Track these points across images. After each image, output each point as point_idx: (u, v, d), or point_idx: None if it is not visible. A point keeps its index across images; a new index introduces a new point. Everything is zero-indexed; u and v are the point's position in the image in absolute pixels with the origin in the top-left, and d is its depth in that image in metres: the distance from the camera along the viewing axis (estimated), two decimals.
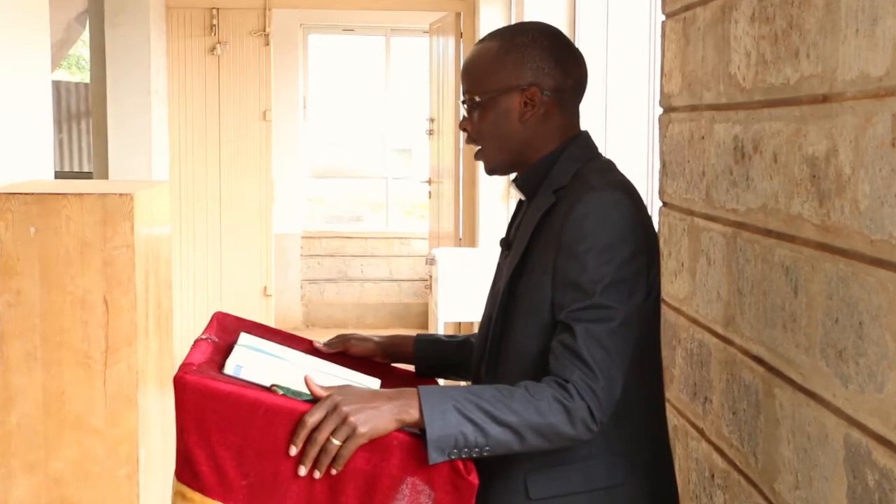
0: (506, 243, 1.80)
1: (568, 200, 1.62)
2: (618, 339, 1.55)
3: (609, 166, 1.72)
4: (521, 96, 1.69)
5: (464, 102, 1.76)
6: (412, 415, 1.50)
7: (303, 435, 1.49)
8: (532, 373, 1.58)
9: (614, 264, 1.55)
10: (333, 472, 1.51)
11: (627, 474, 1.63)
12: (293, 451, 1.50)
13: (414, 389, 1.53)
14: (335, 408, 1.50)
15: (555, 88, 1.70)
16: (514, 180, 1.79)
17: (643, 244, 1.60)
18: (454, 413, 1.49)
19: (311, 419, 1.49)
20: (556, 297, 1.59)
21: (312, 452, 1.49)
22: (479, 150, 1.76)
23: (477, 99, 1.72)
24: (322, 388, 1.54)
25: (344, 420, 1.48)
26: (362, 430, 1.48)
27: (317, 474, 1.51)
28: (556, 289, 1.59)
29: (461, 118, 1.78)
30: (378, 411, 1.50)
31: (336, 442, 1.49)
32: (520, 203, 1.82)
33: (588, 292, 1.55)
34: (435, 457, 1.49)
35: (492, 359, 1.72)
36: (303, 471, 1.50)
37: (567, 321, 1.56)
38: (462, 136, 7.28)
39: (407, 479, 1.52)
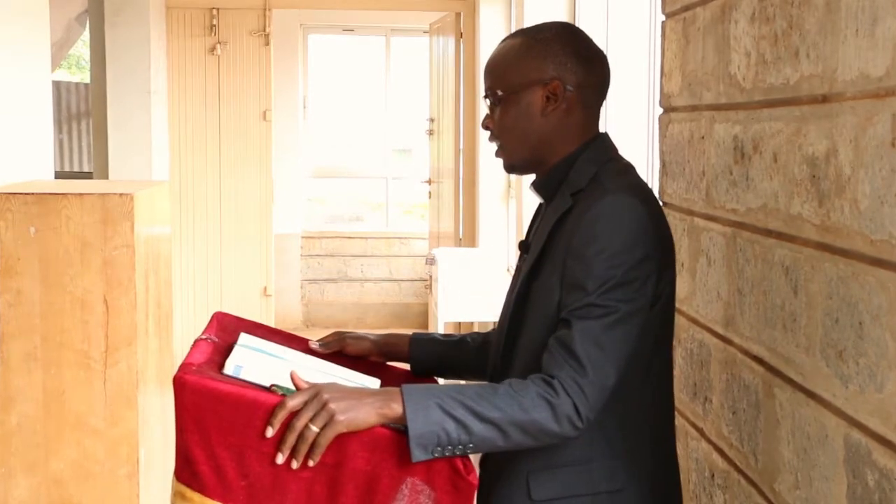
0: (524, 246, 1.80)
1: (584, 203, 1.61)
2: (614, 335, 1.53)
3: (627, 169, 1.70)
4: (543, 90, 1.68)
5: (486, 98, 1.75)
6: (395, 410, 1.49)
7: (281, 416, 1.49)
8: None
9: (622, 269, 1.54)
10: (311, 462, 1.49)
11: (628, 479, 1.61)
12: (269, 432, 1.49)
13: (398, 387, 1.53)
14: (316, 395, 1.49)
15: (577, 84, 1.69)
16: (533, 183, 1.78)
17: (654, 250, 1.58)
18: (437, 410, 1.48)
19: (292, 402, 1.49)
20: (563, 296, 1.59)
21: (290, 439, 1.48)
22: (500, 146, 1.75)
23: (499, 93, 1.71)
24: (307, 382, 1.54)
25: (323, 406, 1.48)
26: (341, 417, 1.47)
27: (294, 464, 1.49)
28: (564, 288, 1.59)
29: (484, 116, 1.76)
30: (359, 403, 1.49)
31: (314, 429, 1.47)
32: (539, 206, 1.82)
33: (592, 293, 1.54)
34: (418, 454, 1.48)
35: (506, 359, 1.72)
36: (280, 458, 1.49)
37: (566, 318, 1.55)
38: (462, 136, 7.26)
39: (407, 479, 1.52)
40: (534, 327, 1.65)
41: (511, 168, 1.77)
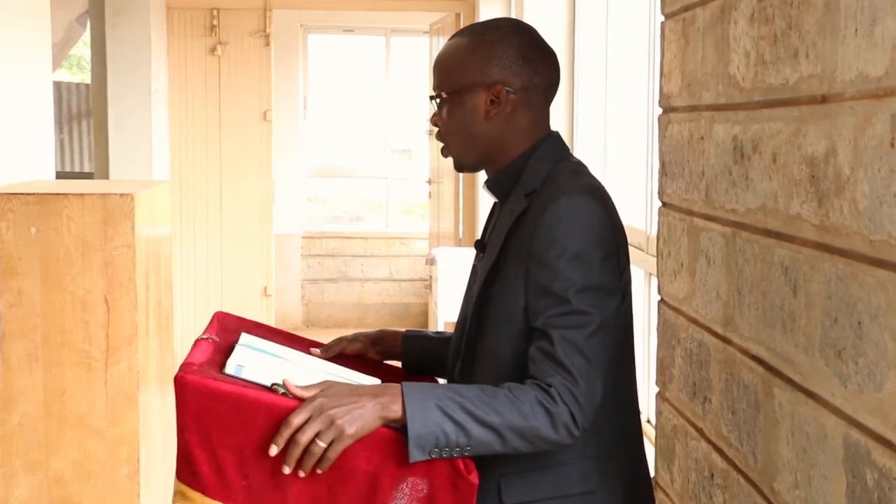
0: (480, 245, 1.80)
1: (539, 205, 1.61)
2: (595, 344, 1.54)
3: (579, 168, 1.71)
4: (486, 93, 1.67)
5: (432, 98, 1.74)
6: (395, 411, 1.49)
7: (285, 435, 1.47)
8: (505, 376, 1.58)
9: (586, 269, 1.55)
10: (319, 471, 1.49)
11: (601, 480, 1.62)
12: (273, 450, 1.48)
13: (398, 386, 1.53)
14: (321, 410, 1.48)
15: (522, 87, 1.68)
16: (486, 183, 1.78)
17: (613, 248, 1.60)
18: (436, 411, 1.48)
19: (296, 419, 1.48)
20: (530, 303, 1.59)
21: (296, 453, 1.48)
22: (446, 146, 1.75)
23: (444, 95, 1.70)
24: (302, 388, 1.53)
25: (331, 423, 1.47)
26: (350, 431, 1.47)
27: (301, 474, 1.49)
28: (530, 295, 1.59)
29: (432, 114, 1.76)
30: (363, 410, 1.49)
31: (321, 444, 1.47)
32: (494, 204, 1.82)
33: (562, 298, 1.54)
34: (416, 454, 1.48)
35: (467, 361, 1.71)
36: (287, 470, 1.49)
37: (543, 328, 1.55)
38: None
39: (407, 479, 1.52)
40: (495, 331, 1.65)
41: (460, 168, 1.77)
